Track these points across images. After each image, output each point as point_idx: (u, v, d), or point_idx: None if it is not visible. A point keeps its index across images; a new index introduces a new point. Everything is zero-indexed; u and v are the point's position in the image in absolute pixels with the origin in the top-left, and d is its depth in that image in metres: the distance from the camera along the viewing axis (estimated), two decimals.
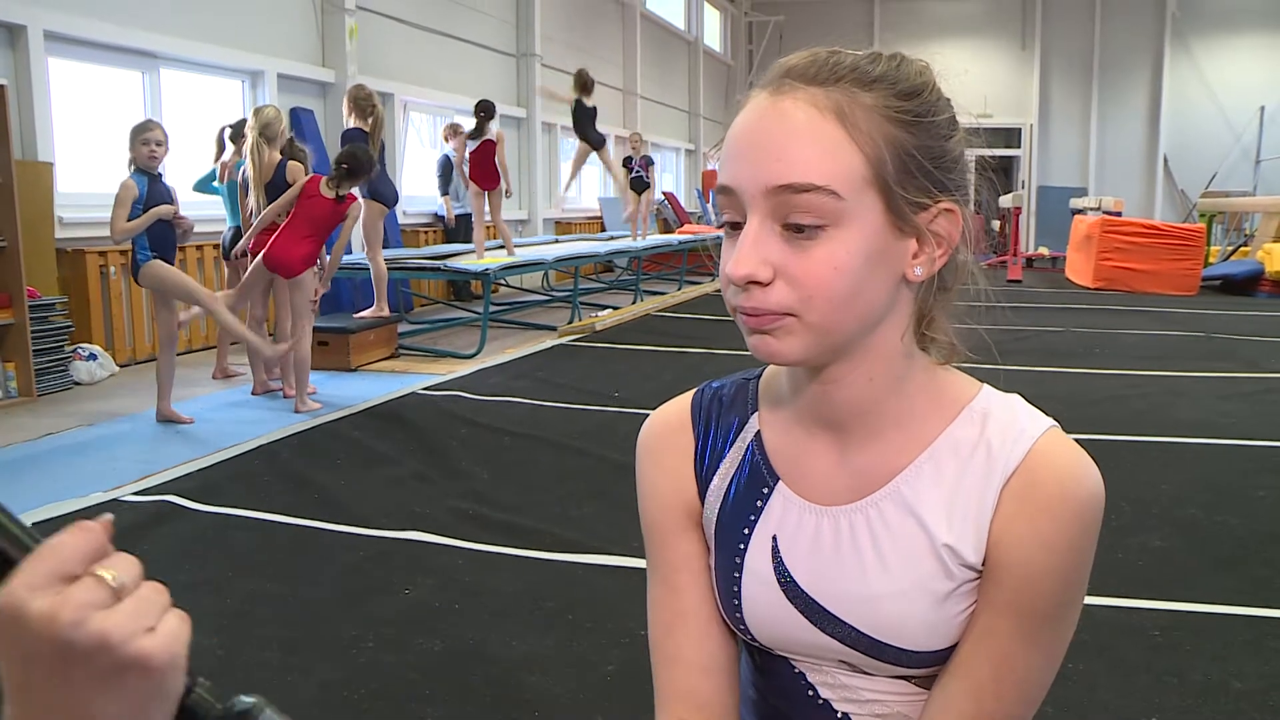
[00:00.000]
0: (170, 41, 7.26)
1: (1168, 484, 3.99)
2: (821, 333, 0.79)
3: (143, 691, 0.53)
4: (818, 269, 0.77)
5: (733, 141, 0.81)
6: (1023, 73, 21.00)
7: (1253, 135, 19.91)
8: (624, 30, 16.47)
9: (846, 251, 0.77)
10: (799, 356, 0.81)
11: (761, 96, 0.81)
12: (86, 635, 0.51)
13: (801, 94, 0.78)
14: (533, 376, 6.18)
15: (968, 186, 0.85)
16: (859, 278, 0.78)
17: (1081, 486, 0.81)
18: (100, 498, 3.72)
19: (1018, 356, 6.83)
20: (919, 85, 0.81)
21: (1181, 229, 12.70)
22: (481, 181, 8.44)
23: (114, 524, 0.58)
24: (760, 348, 0.81)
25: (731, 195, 0.80)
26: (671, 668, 0.94)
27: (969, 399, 0.87)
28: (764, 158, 0.77)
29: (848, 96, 0.78)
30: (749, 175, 0.78)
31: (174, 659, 0.54)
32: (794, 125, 0.77)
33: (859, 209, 0.77)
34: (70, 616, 0.51)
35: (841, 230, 0.77)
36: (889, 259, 0.80)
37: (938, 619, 0.83)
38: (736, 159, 0.80)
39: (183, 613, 0.56)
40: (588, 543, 3.30)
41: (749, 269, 0.77)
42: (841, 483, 0.88)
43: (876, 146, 0.77)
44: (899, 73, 0.81)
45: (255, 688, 2.03)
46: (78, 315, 6.33)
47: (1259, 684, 2.39)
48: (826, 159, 0.76)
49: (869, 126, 0.78)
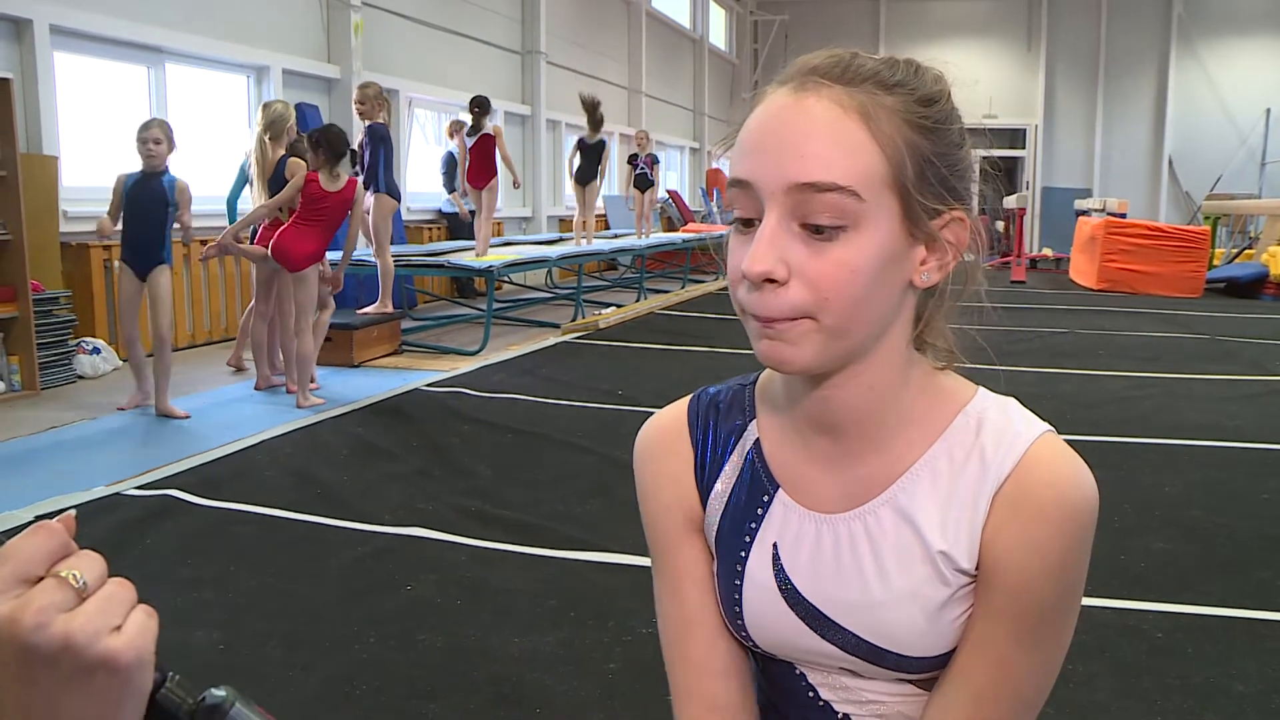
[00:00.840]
0: (176, 36, 7.26)
1: (1171, 486, 3.98)
2: (835, 336, 0.78)
3: (112, 690, 0.53)
4: (835, 270, 0.76)
5: (752, 135, 0.79)
6: (1028, 73, 20.96)
7: (1258, 138, 19.86)
8: (629, 28, 16.47)
9: (863, 254, 0.76)
10: (810, 363, 0.79)
11: (783, 92, 0.79)
12: (49, 638, 0.51)
13: (826, 92, 0.77)
14: (536, 374, 6.18)
15: (974, 195, 0.85)
16: (872, 281, 0.77)
17: (1074, 492, 0.80)
18: (102, 492, 3.73)
19: (1022, 358, 6.83)
20: (936, 93, 0.81)
21: (1186, 231, 12.68)
22: (474, 179, 8.34)
23: (76, 520, 0.57)
24: (770, 353, 0.79)
25: (748, 190, 0.78)
26: (685, 670, 0.95)
27: (964, 403, 0.87)
28: (787, 153, 0.76)
29: (871, 98, 0.77)
30: (769, 170, 0.77)
31: (141, 656, 0.54)
32: (819, 122, 0.76)
33: (877, 212, 0.76)
34: (32, 620, 0.51)
35: (859, 233, 0.76)
36: (900, 264, 0.79)
37: (935, 625, 0.83)
38: (756, 153, 0.78)
39: (149, 608, 0.56)
40: (590, 540, 3.30)
41: (766, 266, 0.75)
42: (840, 490, 0.88)
43: (898, 150, 0.77)
44: (917, 79, 0.80)
45: (257, 683, 2.02)
46: (81, 309, 6.34)
47: (1261, 687, 2.38)
48: (850, 158, 0.75)
49: (891, 129, 0.77)
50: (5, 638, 0.51)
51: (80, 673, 0.52)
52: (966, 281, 0.87)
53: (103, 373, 6.17)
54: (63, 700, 0.52)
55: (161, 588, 2.90)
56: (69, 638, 0.51)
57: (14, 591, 0.52)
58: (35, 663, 0.51)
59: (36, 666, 0.51)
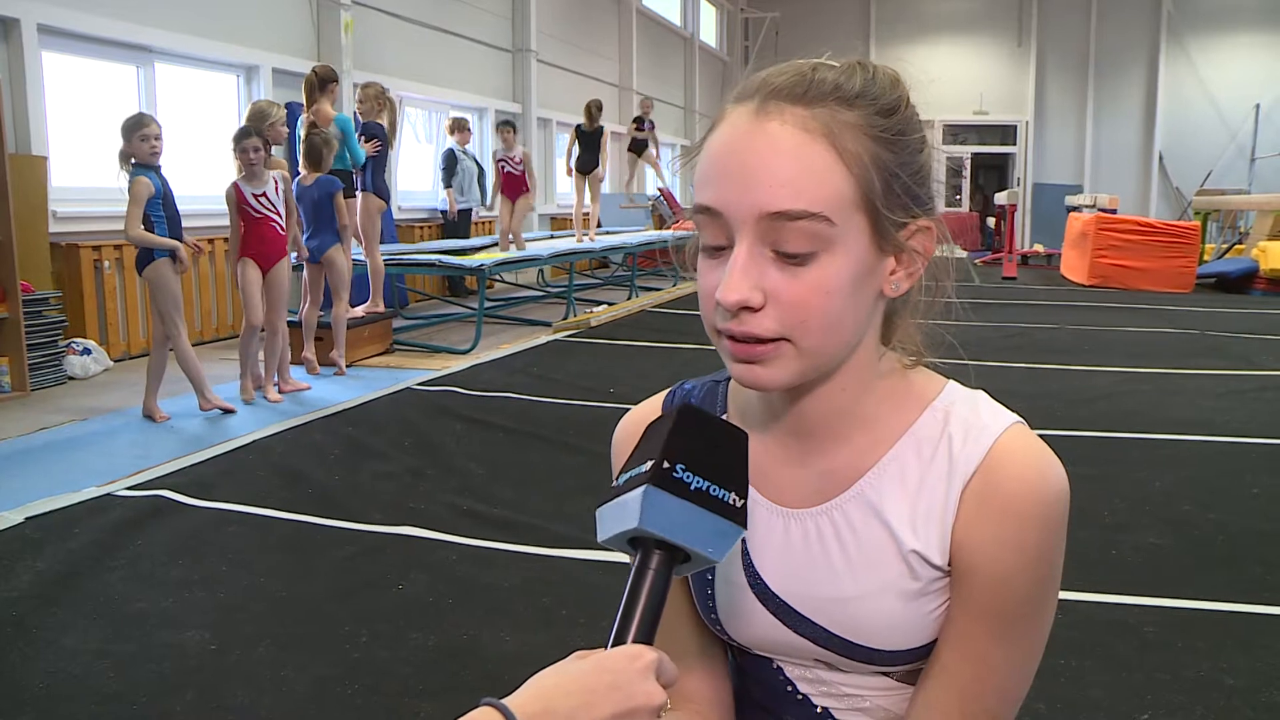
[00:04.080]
0: (165, 36, 7.23)
1: (1161, 481, 4.00)
2: (812, 356, 0.79)
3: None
4: (809, 294, 0.76)
5: (717, 162, 0.79)
6: (1018, 70, 21.00)
7: (1248, 133, 19.94)
8: (620, 26, 16.46)
9: (837, 275, 0.77)
10: (787, 383, 0.80)
11: (743, 114, 0.78)
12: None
13: (789, 115, 0.76)
14: (527, 372, 6.18)
15: (937, 198, 0.85)
16: (846, 300, 0.78)
17: (1042, 485, 0.80)
18: (94, 492, 3.71)
19: (1013, 353, 6.85)
20: (895, 101, 0.80)
21: (1176, 226, 12.71)
22: (509, 192, 8.94)
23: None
24: (747, 376, 0.80)
25: (717, 218, 0.78)
26: None
27: (933, 397, 0.87)
28: (754, 183, 0.76)
29: (834, 116, 0.77)
30: (738, 199, 0.76)
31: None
32: (785, 149, 0.76)
33: (848, 232, 0.77)
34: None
35: (831, 255, 0.76)
36: (871, 278, 0.80)
37: (907, 619, 0.84)
38: (723, 181, 0.77)
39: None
40: (582, 538, 3.30)
41: (741, 295, 0.75)
42: (809, 485, 0.88)
43: (864, 168, 0.77)
44: (876, 86, 0.80)
45: (248, 683, 2.03)
46: (71, 310, 6.32)
47: (1251, 681, 2.39)
48: (818, 184, 0.75)
49: (857, 147, 0.77)
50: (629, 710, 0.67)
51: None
52: (938, 280, 0.88)
53: (93, 373, 6.15)
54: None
55: (153, 588, 2.90)
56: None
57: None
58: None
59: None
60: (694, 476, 0.72)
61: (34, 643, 2.54)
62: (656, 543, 0.72)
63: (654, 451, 0.72)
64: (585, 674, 0.68)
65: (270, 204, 5.38)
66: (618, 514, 0.72)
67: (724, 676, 0.99)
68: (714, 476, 0.73)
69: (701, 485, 0.72)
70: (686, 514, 0.71)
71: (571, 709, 0.66)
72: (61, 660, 2.45)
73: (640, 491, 0.70)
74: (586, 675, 0.68)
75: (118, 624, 2.66)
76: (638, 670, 0.68)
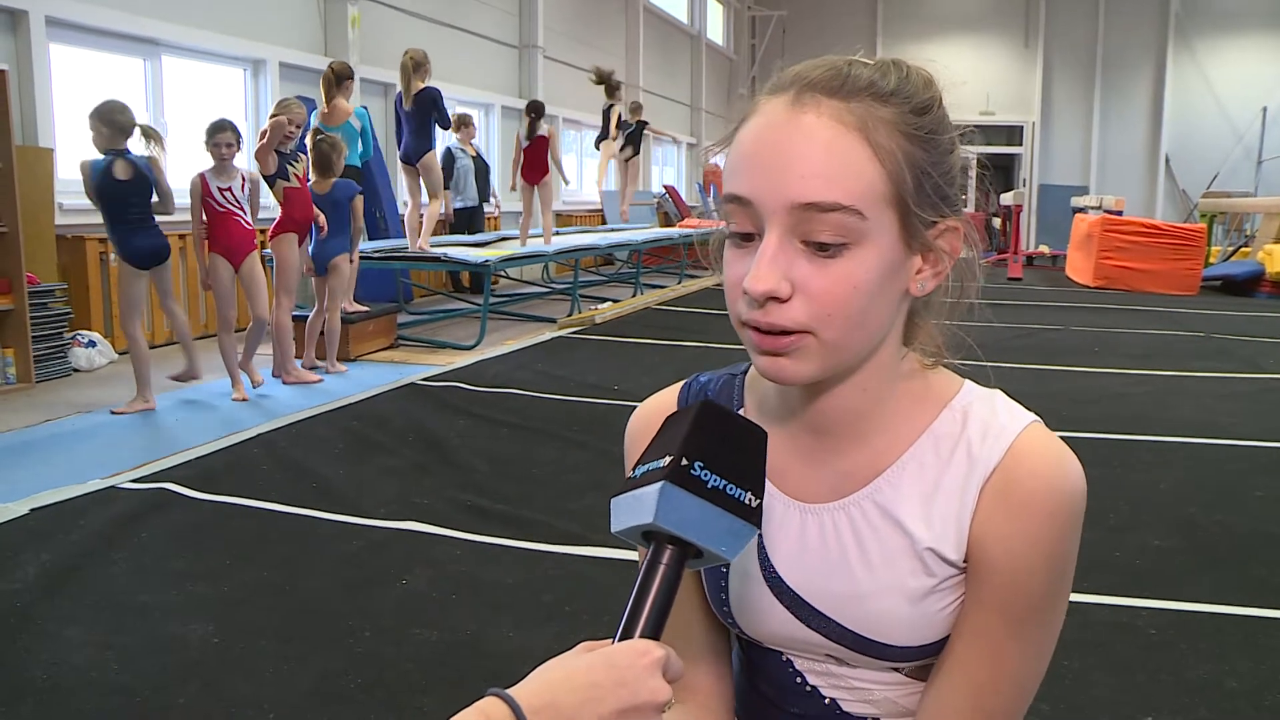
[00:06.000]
0: (172, 29, 7.24)
1: (1165, 483, 3.99)
2: (835, 350, 0.79)
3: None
4: (837, 287, 0.76)
5: (750, 151, 0.79)
6: (1025, 70, 20.97)
7: (1255, 136, 19.89)
8: (627, 23, 16.45)
9: (865, 270, 0.77)
10: (810, 377, 0.80)
11: (778, 105, 0.79)
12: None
13: (825, 107, 0.77)
14: (532, 368, 6.17)
15: (964, 199, 0.85)
16: (873, 295, 0.78)
17: (1062, 482, 0.81)
18: (98, 485, 3.72)
19: (1018, 354, 6.84)
20: (929, 100, 0.80)
21: (1182, 229, 12.68)
22: (530, 176, 8.82)
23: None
24: (771, 368, 0.80)
25: (747, 207, 0.78)
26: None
27: (951, 397, 0.88)
28: (787, 173, 0.76)
29: (869, 111, 0.77)
30: (771, 189, 0.76)
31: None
32: (819, 141, 0.76)
33: (878, 228, 0.77)
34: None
35: (861, 248, 0.76)
36: (898, 275, 0.80)
37: (920, 616, 0.84)
38: (756, 171, 0.78)
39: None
40: (586, 535, 3.30)
41: (769, 285, 0.75)
42: (826, 482, 0.88)
43: (897, 164, 0.77)
44: (910, 85, 0.80)
45: (251, 676, 2.03)
46: (77, 302, 6.33)
47: (1254, 683, 2.39)
48: (852, 177, 0.75)
49: (890, 143, 0.77)
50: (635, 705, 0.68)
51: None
52: (963, 281, 0.88)
53: (98, 366, 6.17)
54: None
55: (156, 581, 2.90)
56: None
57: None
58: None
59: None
60: (711, 475, 0.72)
61: (37, 634, 2.54)
62: (670, 538, 0.72)
63: (672, 447, 0.73)
64: (592, 668, 0.68)
65: (234, 199, 5.36)
66: (633, 507, 0.73)
67: (728, 670, 0.99)
68: (731, 475, 0.73)
69: (718, 484, 0.72)
70: (702, 512, 0.71)
71: (577, 704, 0.66)
72: (64, 652, 2.45)
73: (657, 487, 0.70)
74: (593, 670, 0.68)
75: (121, 616, 2.66)
76: (644, 666, 0.68)
